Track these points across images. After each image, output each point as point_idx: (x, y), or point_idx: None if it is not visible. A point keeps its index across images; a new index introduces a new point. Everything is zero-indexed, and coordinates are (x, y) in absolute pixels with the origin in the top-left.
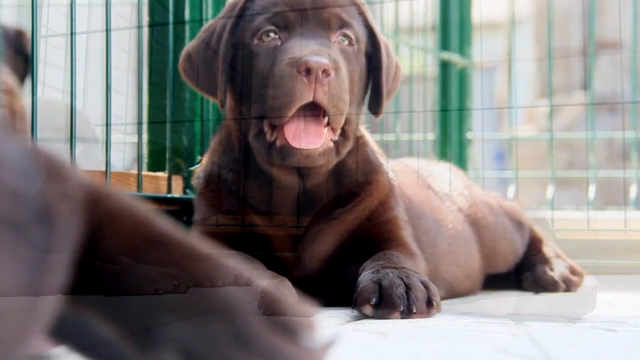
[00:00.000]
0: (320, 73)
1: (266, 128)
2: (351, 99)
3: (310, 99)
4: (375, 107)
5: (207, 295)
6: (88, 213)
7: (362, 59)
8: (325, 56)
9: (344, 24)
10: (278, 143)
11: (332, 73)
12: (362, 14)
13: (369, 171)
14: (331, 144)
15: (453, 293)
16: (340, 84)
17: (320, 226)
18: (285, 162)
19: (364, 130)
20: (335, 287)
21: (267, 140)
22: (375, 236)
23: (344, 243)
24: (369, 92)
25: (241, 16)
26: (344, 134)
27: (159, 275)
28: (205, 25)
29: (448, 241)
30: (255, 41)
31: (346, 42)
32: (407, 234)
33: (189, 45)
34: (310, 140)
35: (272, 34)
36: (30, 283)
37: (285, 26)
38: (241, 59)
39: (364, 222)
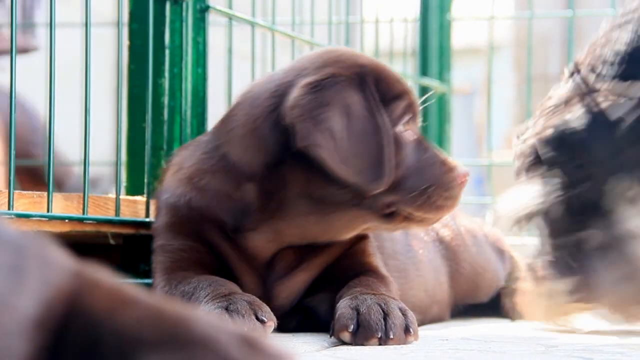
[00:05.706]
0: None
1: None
2: None
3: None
4: None
5: (186, 327)
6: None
7: None
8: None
9: None
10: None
11: None
12: None
13: None
14: None
15: (421, 317)
16: None
17: (292, 267)
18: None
19: None
20: (307, 313)
21: (390, 218)
22: (345, 265)
23: (315, 279)
24: None
25: (382, 95)
26: None
27: None
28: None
29: (417, 266)
30: (397, 128)
31: None
32: (376, 259)
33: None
34: None
35: (405, 124)
36: None
37: (413, 117)
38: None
39: (337, 258)
